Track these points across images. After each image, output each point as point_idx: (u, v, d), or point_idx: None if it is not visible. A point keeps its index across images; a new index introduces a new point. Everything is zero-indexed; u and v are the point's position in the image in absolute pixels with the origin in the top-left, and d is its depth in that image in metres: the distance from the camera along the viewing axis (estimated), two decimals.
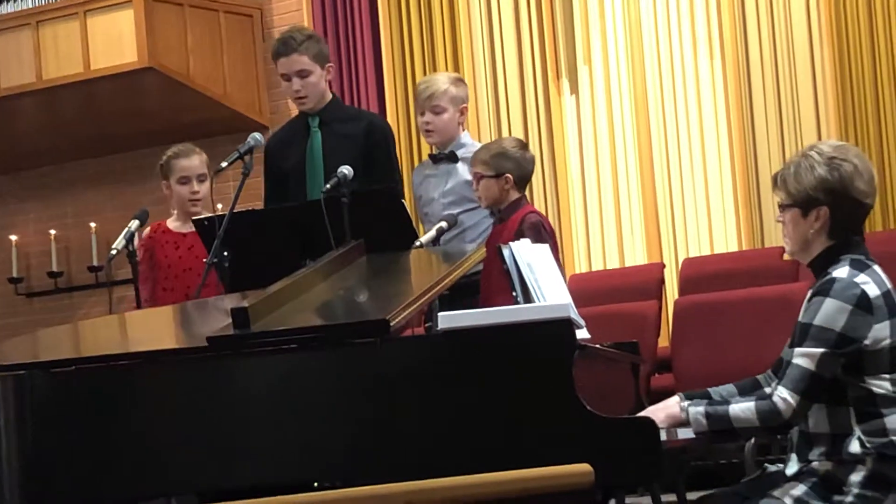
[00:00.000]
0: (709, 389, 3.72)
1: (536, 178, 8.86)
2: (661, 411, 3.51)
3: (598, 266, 8.76)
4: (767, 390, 3.58)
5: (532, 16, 9.00)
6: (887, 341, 3.40)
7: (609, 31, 8.81)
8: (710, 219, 8.53)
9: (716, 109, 8.53)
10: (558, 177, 8.90)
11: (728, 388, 3.72)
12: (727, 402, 3.46)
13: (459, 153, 5.48)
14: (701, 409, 3.45)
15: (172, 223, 5.67)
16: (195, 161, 5.63)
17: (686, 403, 3.49)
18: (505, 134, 8.88)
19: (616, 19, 8.79)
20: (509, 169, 5.13)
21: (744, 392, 3.67)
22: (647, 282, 7.66)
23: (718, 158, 8.51)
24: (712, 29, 8.55)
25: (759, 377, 3.71)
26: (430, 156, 5.65)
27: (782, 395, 3.37)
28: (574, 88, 8.94)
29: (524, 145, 5.30)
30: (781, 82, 8.29)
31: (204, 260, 4.82)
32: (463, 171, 5.43)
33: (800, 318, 3.45)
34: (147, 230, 5.63)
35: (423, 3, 9.24)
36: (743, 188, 8.39)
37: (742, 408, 3.41)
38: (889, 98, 7.94)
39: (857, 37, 8.01)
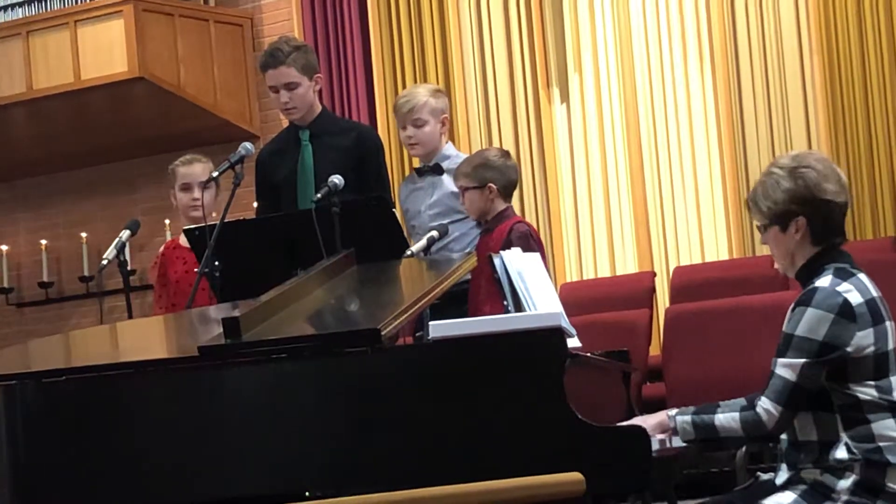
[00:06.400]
0: (719, 403, 3.67)
1: (527, 187, 8.88)
2: (650, 418, 3.53)
3: (588, 274, 8.77)
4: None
5: (522, 24, 9.01)
6: (871, 348, 3.41)
7: (599, 39, 8.83)
8: (701, 227, 8.54)
9: (706, 118, 8.54)
10: (549, 185, 8.91)
11: (739, 403, 3.68)
12: (714, 411, 3.47)
13: (444, 165, 5.48)
14: (688, 417, 3.47)
15: (184, 238, 5.63)
16: (196, 168, 5.60)
17: (674, 412, 3.51)
18: (496, 143, 8.89)
19: (606, 28, 8.81)
20: (492, 178, 5.14)
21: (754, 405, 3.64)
22: (637, 290, 7.66)
23: (709, 167, 8.53)
24: (702, 37, 8.57)
25: None
26: (416, 169, 5.66)
27: (765, 407, 3.40)
28: (564, 97, 8.95)
29: (506, 154, 5.30)
30: (771, 89, 8.31)
31: (195, 270, 4.81)
32: (448, 182, 5.43)
33: (783, 329, 3.46)
34: (162, 247, 5.61)
35: (414, 13, 9.25)
36: (733, 196, 8.41)
37: (727, 417, 3.44)
38: (878, 106, 7.95)
39: (847, 46, 8.02)
